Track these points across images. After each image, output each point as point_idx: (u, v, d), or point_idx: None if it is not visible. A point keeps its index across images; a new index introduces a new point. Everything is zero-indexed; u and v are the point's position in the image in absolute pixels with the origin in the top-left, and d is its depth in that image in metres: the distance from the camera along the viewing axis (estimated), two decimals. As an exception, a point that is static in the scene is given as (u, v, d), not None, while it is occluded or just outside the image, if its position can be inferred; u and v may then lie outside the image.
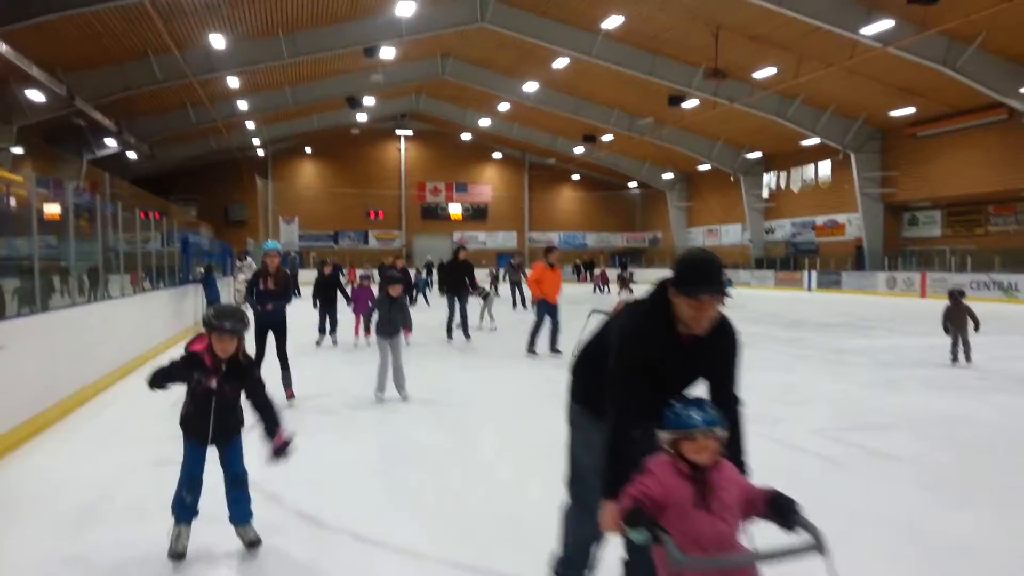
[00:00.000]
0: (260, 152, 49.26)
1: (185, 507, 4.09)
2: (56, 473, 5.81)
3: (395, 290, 8.69)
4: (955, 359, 11.15)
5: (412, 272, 26.31)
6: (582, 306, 7.64)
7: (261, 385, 4.23)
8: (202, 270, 19.07)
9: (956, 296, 11.54)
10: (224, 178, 48.64)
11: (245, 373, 4.16)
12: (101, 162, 33.77)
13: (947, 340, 11.35)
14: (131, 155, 37.19)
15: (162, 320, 13.89)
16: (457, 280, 14.65)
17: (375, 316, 8.63)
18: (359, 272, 16.50)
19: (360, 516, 4.75)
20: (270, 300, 8.47)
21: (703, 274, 2.75)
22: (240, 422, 4.27)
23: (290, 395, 8.47)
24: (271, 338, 8.51)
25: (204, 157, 45.74)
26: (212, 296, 17.88)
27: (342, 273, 25.90)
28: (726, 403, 2.81)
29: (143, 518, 4.71)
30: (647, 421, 2.67)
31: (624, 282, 29.28)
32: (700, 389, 2.88)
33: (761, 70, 29.58)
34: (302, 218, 51.58)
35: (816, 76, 28.62)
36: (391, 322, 8.50)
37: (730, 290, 2.82)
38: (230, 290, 24.33)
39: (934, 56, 24.96)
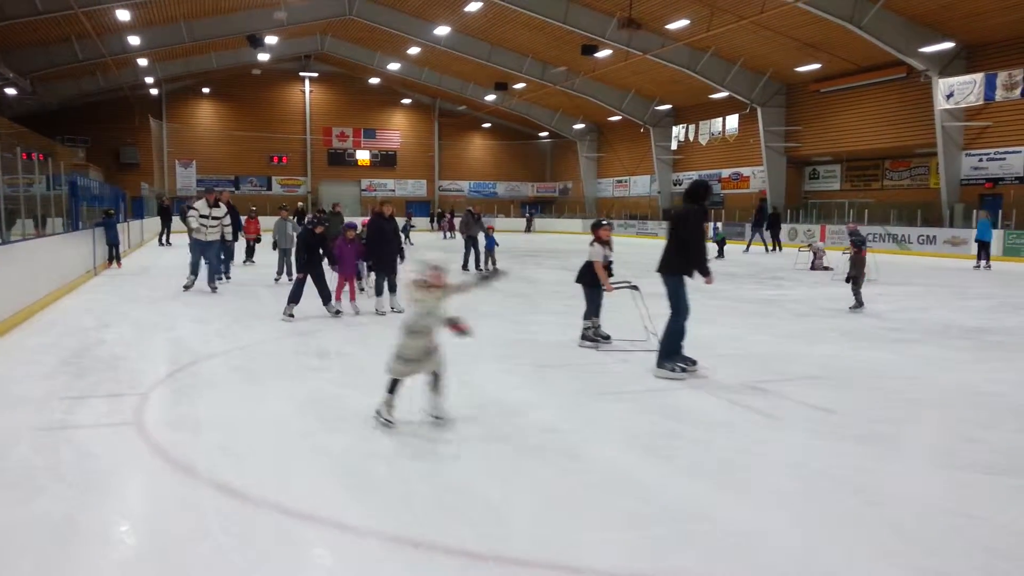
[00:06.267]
0: (154, 91, 46.50)
1: None
2: (-70, 443, 5.16)
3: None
4: (859, 304, 11.60)
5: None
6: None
7: None
8: (103, 215, 18.47)
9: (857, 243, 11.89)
10: (115, 118, 45.82)
11: None
12: (-27, 97, 31.20)
13: (849, 289, 11.75)
14: (10, 91, 34.49)
15: (52, 269, 12.81)
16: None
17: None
18: (346, 221, 13.36)
19: (285, 487, 4.36)
20: None
21: None
22: None
23: None
24: None
25: (92, 95, 42.86)
26: (112, 239, 17.73)
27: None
28: None
29: (33, 493, 4.23)
30: None
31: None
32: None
33: (674, 21, 29.57)
34: (200, 162, 49.16)
35: (727, 29, 28.81)
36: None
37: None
38: (125, 235, 23.02)
39: (841, 12, 25.41)
